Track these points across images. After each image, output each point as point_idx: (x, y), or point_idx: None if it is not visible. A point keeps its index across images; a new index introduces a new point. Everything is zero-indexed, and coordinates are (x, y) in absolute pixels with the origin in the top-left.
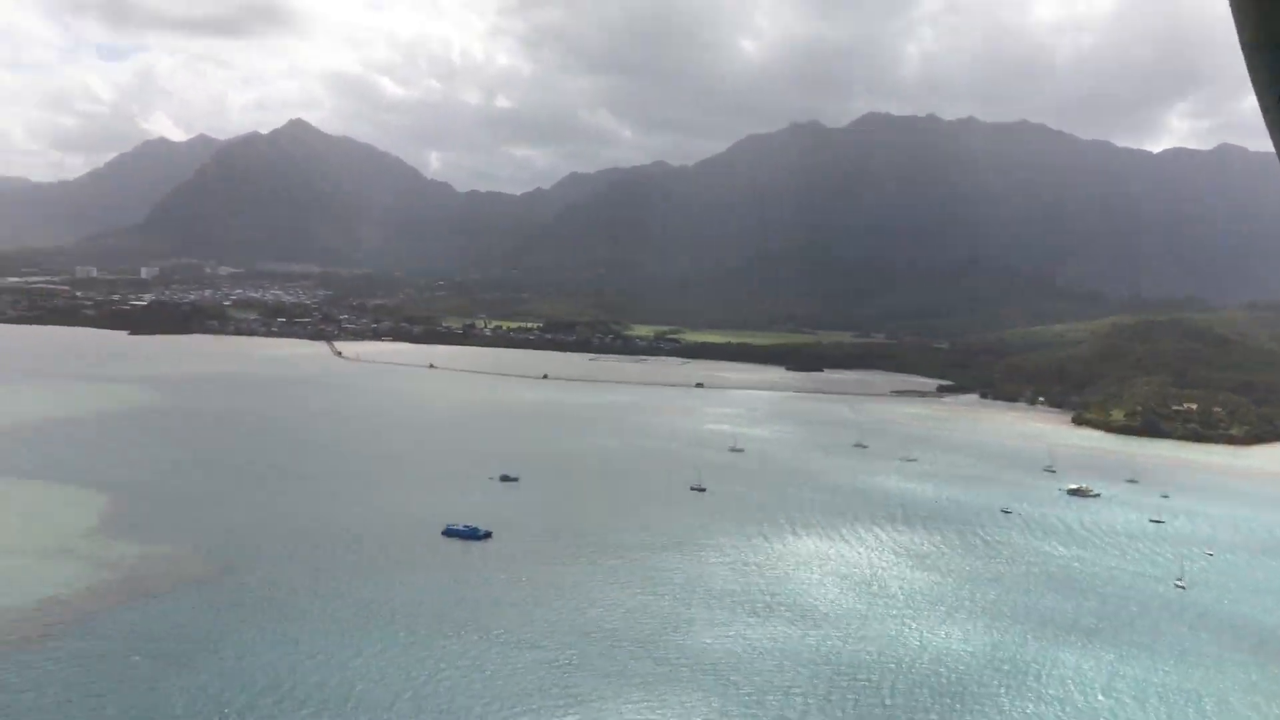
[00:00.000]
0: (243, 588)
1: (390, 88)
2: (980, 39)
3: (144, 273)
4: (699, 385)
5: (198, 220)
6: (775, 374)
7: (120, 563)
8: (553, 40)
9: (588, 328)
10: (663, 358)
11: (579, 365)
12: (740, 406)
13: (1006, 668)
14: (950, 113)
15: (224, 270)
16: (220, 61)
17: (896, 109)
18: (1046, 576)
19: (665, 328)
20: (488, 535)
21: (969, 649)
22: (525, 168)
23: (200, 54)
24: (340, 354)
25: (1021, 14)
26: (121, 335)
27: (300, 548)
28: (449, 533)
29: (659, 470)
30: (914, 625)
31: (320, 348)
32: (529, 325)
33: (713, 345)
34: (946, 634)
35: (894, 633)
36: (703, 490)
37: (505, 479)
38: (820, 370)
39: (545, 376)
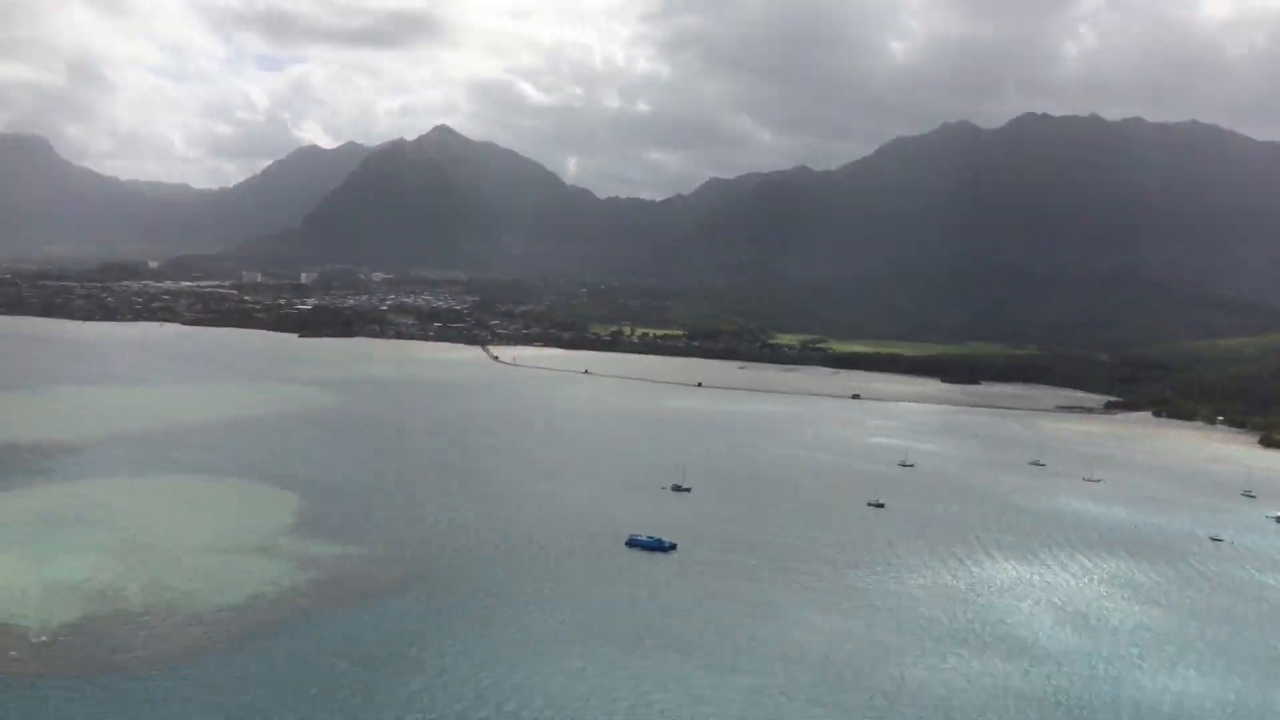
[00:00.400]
0: (438, 592)
1: (531, 93)
2: (1144, 37)
3: (304, 277)
4: (855, 397)
5: (348, 226)
6: (931, 386)
7: (319, 562)
8: (693, 44)
9: (732, 335)
10: (813, 367)
11: (730, 373)
12: (901, 419)
13: None
14: (1113, 113)
15: (377, 276)
16: (370, 71)
17: (1055, 109)
18: None
19: (810, 336)
20: (672, 547)
21: (1210, 696)
22: (659, 172)
23: (352, 64)
24: (497, 358)
25: (1188, 10)
26: (291, 338)
27: (488, 552)
28: (633, 544)
29: (832, 483)
30: (1145, 666)
31: (475, 352)
32: (675, 333)
33: (863, 355)
34: (1183, 677)
35: (1124, 674)
36: (881, 506)
37: (677, 489)
38: (977, 383)
39: (700, 384)
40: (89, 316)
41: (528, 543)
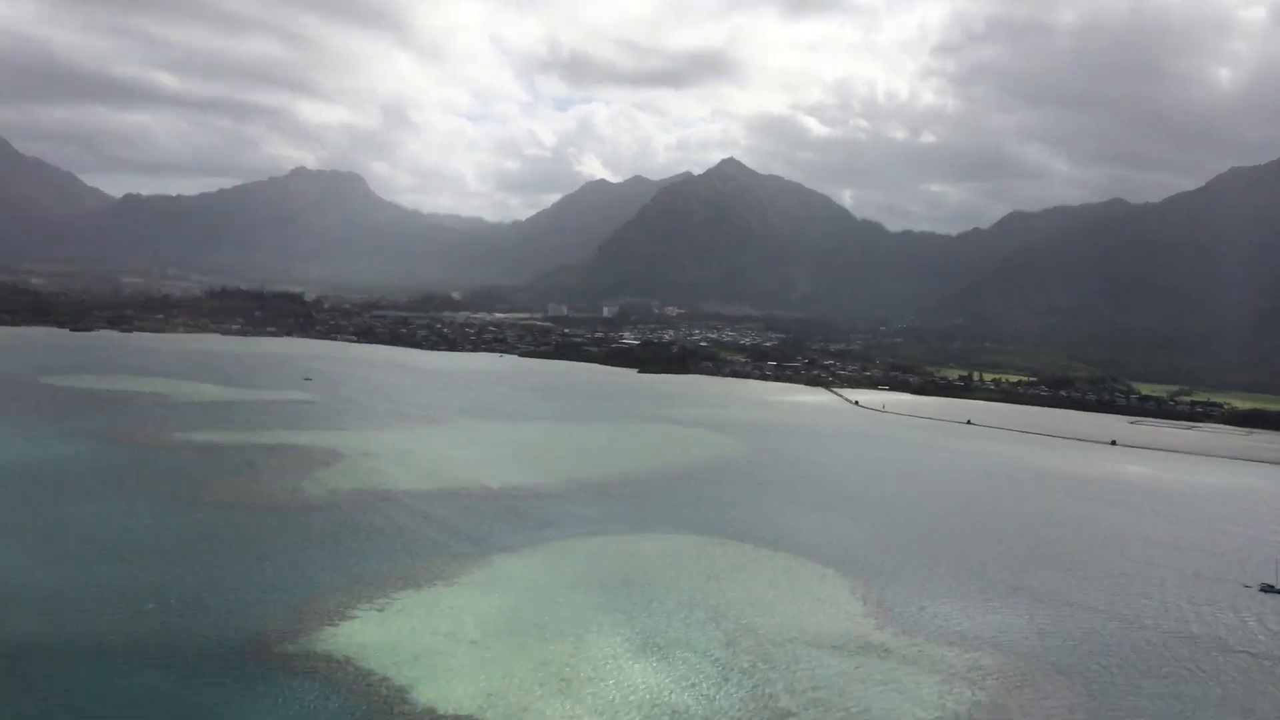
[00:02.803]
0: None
1: (815, 127)
2: None
3: (605, 310)
4: None
5: (638, 259)
6: None
7: (965, 672)
8: (986, 76)
9: (1088, 384)
10: (1212, 424)
11: (1121, 429)
12: None
13: None
14: None
15: (671, 310)
16: (653, 109)
17: None
18: None
19: (1173, 387)
20: None
21: None
22: (939, 204)
23: (638, 103)
24: (856, 403)
25: None
26: (628, 373)
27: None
28: None
29: None
30: None
31: (823, 395)
32: (1026, 378)
33: (1269, 413)
34: None
35: None
36: None
37: (1270, 590)
38: None
39: (1113, 443)
40: (433, 346)
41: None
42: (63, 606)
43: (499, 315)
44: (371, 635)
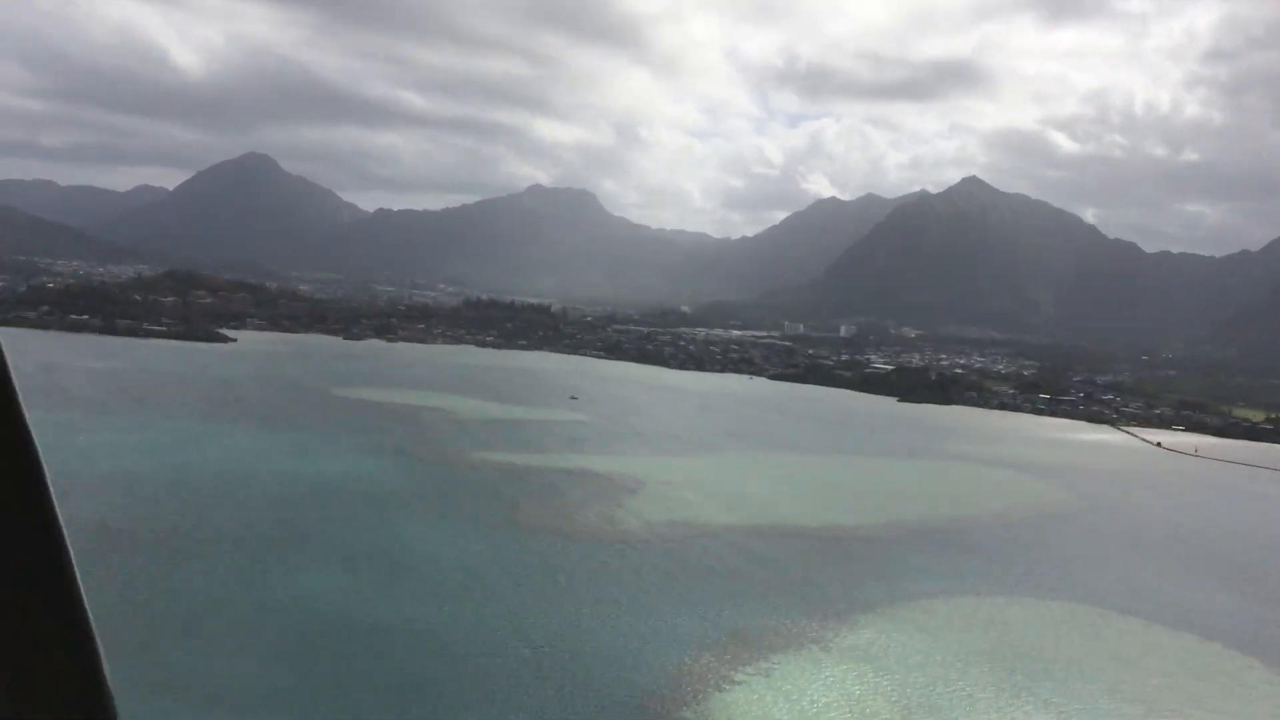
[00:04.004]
0: None
1: (1063, 143)
2: None
3: (843, 330)
4: None
5: (869, 277)
6: None
7: None
8: (1261, 86)
9: None
10: None
11: None
12: None
13: None
14: None
15: (909, 331)
16: (885, 124)
17: None
18: None
19: None
20: None
21: None
22: (1195, 225)
23: (871, 118)
24: (1159, 445)
25: None
26: (888, 401)
27: None
28: None
29: None
30: None
31: (1110, 433)
32: None
33: None
34: None
35: None
36: None
37: None
38: None
39: None
40: (681, 365)
41: None
42: (438, 643)
43: (736, 333)
44: (762, 706)
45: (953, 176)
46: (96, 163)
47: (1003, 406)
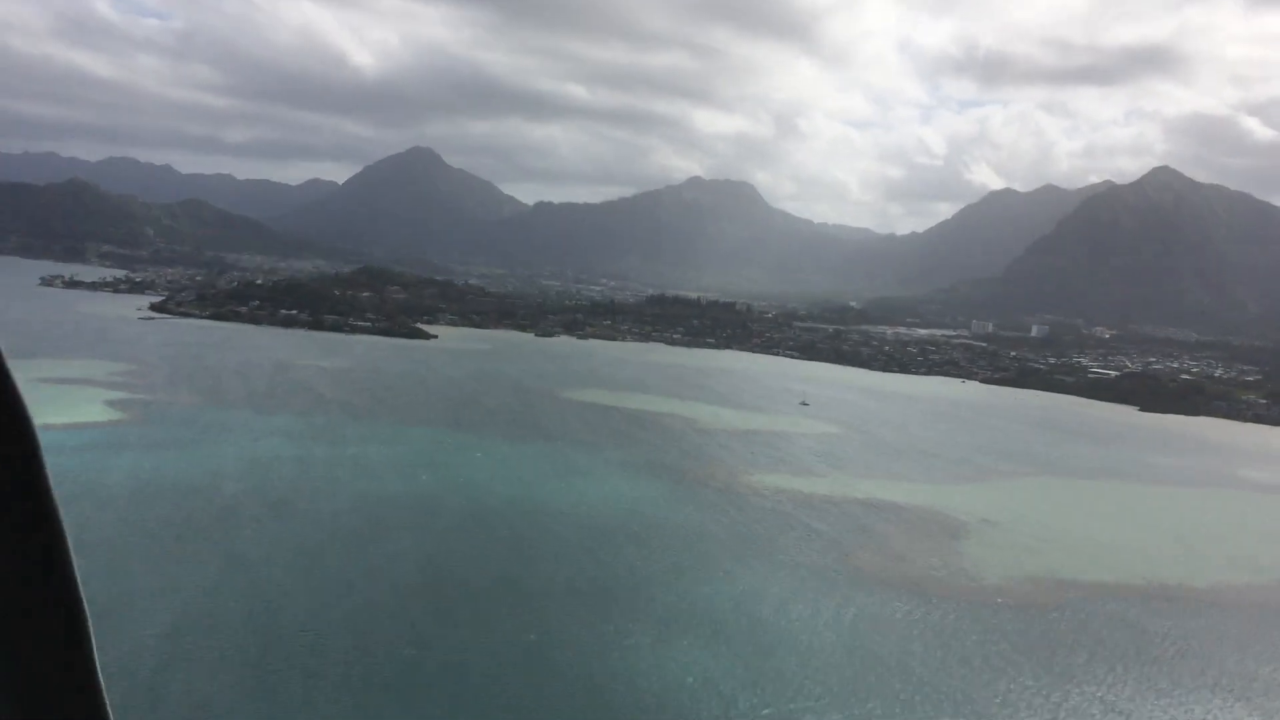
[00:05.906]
0: None
1: (1256, 129)
2: None
3: (1035, 330)
4: None
5: (1053, 273)
6: None
7: None
8: None
9: None
10: None
11: None
12: None
13: None
14: None
15: (1103, 332)
16: (1065, 111)
17: None
18: None
19: None
20: None
21: None
22: None
23: (1048, 104)
24: None
25: None
26: (1128, 411)
27: None
28: None
29: None
30: None
31: None
32: None
33: None
34: None
35: None
36: None
37: None
38: None
39: None
40: (883, 367)
41: None
42: None
43: (921, 331)
44: None
45: (1128, 164)
46: (272, 157)
47: (1258, 419)
